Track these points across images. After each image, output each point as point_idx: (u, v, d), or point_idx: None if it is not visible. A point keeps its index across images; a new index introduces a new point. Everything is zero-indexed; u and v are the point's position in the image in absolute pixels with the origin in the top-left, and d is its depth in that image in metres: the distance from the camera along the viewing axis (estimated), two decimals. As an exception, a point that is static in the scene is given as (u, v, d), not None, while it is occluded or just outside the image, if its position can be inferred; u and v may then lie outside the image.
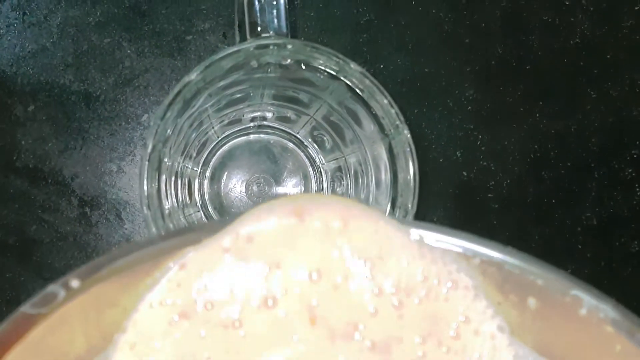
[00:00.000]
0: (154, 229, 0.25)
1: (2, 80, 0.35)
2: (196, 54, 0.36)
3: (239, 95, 0.32)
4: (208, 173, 0.36)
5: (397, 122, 0.26)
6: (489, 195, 0.36)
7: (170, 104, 0.25)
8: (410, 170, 0.26)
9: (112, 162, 0.35)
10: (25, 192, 0.35)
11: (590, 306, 0.14)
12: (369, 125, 0.28)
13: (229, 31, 0.36)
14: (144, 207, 0.26)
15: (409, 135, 0.26)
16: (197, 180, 0.36)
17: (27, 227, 0.35)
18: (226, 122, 0.35)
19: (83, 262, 0.35)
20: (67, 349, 0.16)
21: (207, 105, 0.31)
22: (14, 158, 0.35)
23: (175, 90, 0.25)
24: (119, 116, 0.35)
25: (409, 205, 0.27)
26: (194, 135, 0.33)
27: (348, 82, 0.27)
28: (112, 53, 0.35)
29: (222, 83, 0.29)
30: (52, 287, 0.15)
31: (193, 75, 0.26)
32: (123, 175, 0.35)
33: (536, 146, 0.37)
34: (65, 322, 0.15)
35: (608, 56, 0.37)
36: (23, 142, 0.35)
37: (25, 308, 0.14)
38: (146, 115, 0.35)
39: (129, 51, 0.35)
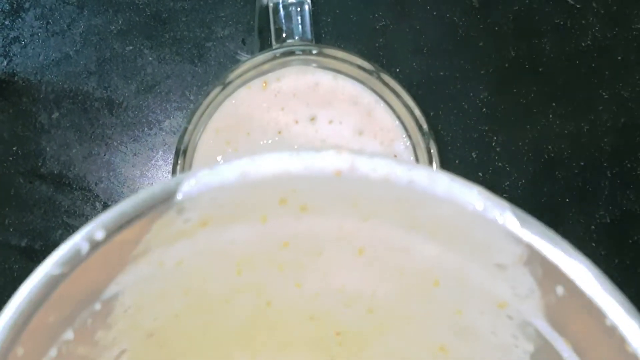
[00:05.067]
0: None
1: (26, 88, 0.36)
2: (216, 60, 0.36)
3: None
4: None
5: (422, 124, 0.27)
6: (504, 195, 0.37)
7: (201, 114, 0.26)
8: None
9: (135, 167, 0.36)
10: (51, 198, 0.36)
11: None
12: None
13: (247, 37, 0.37)
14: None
15: (433, 138, 0.27)
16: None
17: (53, 232, 0.36)
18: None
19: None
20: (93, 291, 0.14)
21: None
22: (39, 164, 0.36)
23: (205, 102, 0.26)
24: (141, 122, 0.36)
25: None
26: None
27: (373, 85, 0.28)
28: (134, 60, 0.36)
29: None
30: (75, 242, 0.13)
31: (219, 88, 0.27)
32: (146, 180, 0.36)
33: (550, 146, 0.37)
34: (87, 274, 0.14)
35: (619, 58, 0.38)
36: (48, 149, 0.36)
37: (51, 269, 0.13)
38: (168, 121, 0.36)
39: (150, 58, 0.36)
